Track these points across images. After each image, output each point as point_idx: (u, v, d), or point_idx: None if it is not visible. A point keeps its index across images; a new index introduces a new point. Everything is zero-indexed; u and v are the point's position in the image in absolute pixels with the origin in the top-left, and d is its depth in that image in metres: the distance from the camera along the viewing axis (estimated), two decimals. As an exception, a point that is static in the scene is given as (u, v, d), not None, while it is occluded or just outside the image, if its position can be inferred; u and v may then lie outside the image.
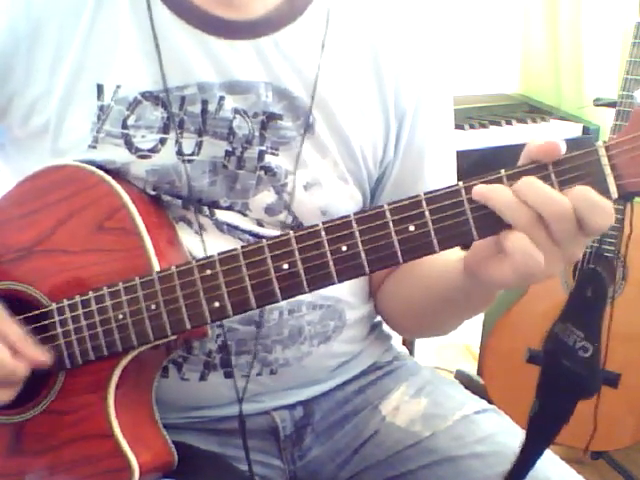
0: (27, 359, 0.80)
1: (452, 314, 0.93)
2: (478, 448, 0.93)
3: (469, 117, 2.02)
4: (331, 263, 0.72)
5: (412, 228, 0.70)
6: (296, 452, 0.97)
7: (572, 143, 0.68)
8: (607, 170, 0.66)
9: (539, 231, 0.67)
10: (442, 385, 1.03)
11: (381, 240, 0.71)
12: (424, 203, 0.70)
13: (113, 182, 0.83)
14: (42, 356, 0.81)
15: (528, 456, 0.78)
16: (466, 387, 1.07)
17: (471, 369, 2.29)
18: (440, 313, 0.93)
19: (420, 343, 2.23)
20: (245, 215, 0.89)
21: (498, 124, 1.99)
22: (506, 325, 1.92)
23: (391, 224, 0.70)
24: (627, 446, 1.87)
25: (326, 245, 0.72)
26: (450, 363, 2.40)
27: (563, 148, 0.67)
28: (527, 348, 1.81)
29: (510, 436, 0.93)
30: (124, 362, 0.81)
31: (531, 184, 0.67)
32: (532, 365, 1.83)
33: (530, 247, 0.67)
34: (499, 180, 0.68)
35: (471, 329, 2.29)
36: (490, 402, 1.02)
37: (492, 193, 0.68)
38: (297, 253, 0.73)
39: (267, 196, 0.89)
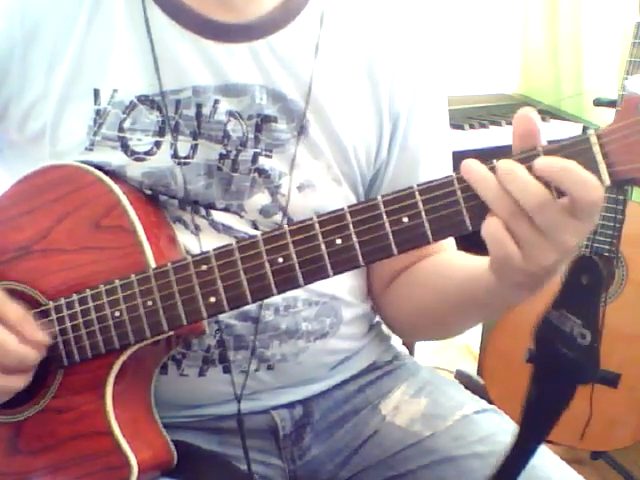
0: (28, 340, 0.79)
1: (470, 313, 0.92)
2: (478, 448, 0.93)
3: (469, 117, 2.02)
4: (326, 256, 0.72)
5: (406, 219, 0.70)
6: (296, 451, 0.97)
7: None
8: (599, 157, 0.66)
9: (521, 223, 0.67)
10: (442, 385, 1.03)
11: (375, 232, 0.71)
12: (417, 194, 0.70)
13: (109, 181, 0.83)
14: (43, 337, 0.81)
15: (523, 447, 0.77)
16: (466, 387, 1.07)
17: (471, 369, 2.29)
18: (456, 313, 0.93)
19: (420, 343, 2.22)
20: (241, 216, 0.89)
21: (498, 124, 1.99)
22: (506, 325, 1.92)
23: (385, 216, 0.71)
24: (627, 446, 1.86)
25: (320, 238, 0.72)
26: (450, 363, 2.40)
27: (536, 120, 0.67)
28: (527, 348, 1.80)
29: (510, 436, 0.92)
30: (121, 359, 0.81)
31: (511, 172, 0.66)
32: (532, 365, 1.82)
33: (500, 233, 0.67)
34: (492, 170, 0.68)
35: (471, 329, 2.29)
36: (490, 402, 1.02)
37: (478, 177, 0.67)
38: (292, 246, 0.73)
39: (262, 198, 0.89)
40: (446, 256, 0.97)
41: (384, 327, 1.07)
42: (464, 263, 0.89)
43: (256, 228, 0.90)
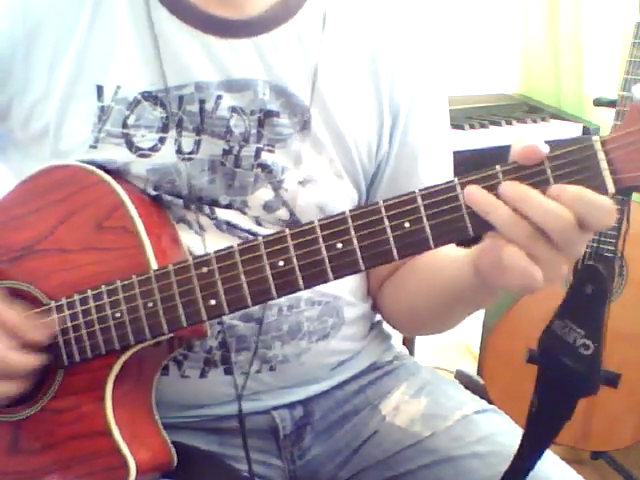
0: (27, 342, 0.79)
1: (456, 311, 0.92)
2: (478, 448, 0.93)
3: (469, 117, 2.01)
4: (326, 260, 0.72)
5: (407, 224, 0.70)
6: (296, 451, 0.97)
7: (570, 140, 0.67)
8: (603, 165, 0.65)
9: (538, 244, 0.66)
10: (442, 385, 1.03)
11: (376, 237, 0.70)
12: (419, 199, 0.69)
13: (112, 182, 0.83)
14: (40, 337, 0.80)
15: (527, 454, 0.77)
16: (466, 387, 1.07)
17: (471, 369, 2.29)
18: (444, 310, 0.93)
19: (420, 343, 2.22)
20: (244, 213, 0.90)
21: (498, 124, 1.99)
22: (506, 325, 1.92)
23: (386, 220, 0.70)
24: (627, 446, 1.86)
25: (321, 242, 0.72)
26: (450, 363, 2.40)
27: (544, 149, 0.66)
28: (527, 348, 1.80)
29: (510, 436, 0.92)
30: (122, 360, 0.81)
31: (528, 199, 0.65)
32: (532, 365, 1.83)
33: (527, 264, 0.66)
34: (495, 176, 0.67)
35: (471, 329, 2.29)
36: (490, 402, 1.02)
37: (489, 208, 0.67)
38: (293, 250, 0.73)
39: (265, 193, 0.89)
40: (440, 252, 0.96)
41: (385, 326, 1.07)
42: (452, 261, 0.88)
43: (260, 225, 0.90)
